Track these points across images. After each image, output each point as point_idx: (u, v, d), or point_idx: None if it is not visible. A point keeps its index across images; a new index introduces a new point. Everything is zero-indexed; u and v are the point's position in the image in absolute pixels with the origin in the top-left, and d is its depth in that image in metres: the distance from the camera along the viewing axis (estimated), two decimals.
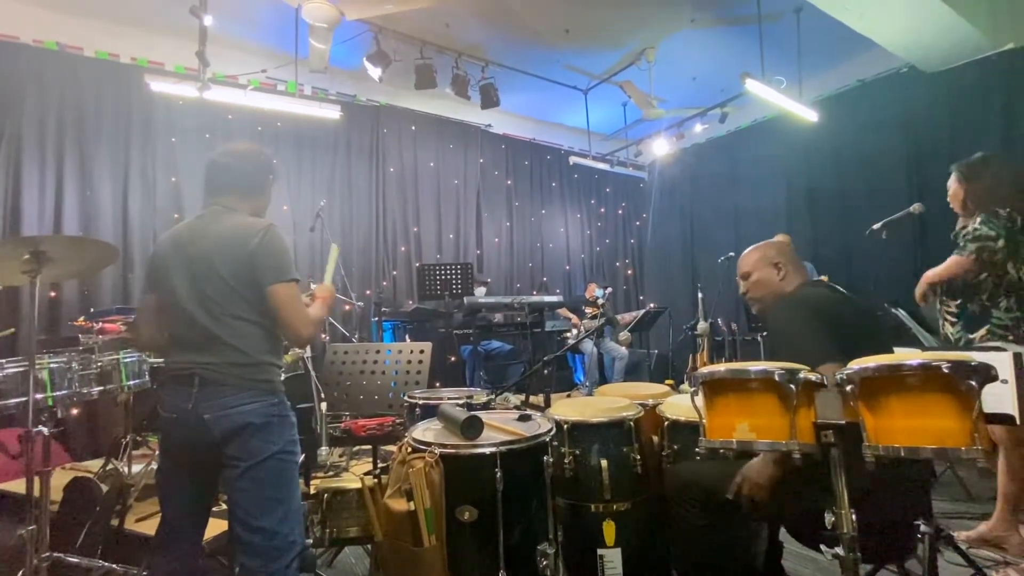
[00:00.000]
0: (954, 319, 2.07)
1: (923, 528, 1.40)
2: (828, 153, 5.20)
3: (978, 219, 1.97)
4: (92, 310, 3.42)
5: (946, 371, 0.93)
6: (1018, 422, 1.33)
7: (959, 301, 2.04)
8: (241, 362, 1.37)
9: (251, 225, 1.42)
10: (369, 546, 1.96)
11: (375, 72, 4.33)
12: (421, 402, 2.02)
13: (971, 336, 2.00)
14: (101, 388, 2.01)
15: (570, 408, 1.89)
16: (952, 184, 2.17)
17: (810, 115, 4.74)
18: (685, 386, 2.44)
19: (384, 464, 1.78)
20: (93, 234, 3.97)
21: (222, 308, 1.38)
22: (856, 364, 1.03)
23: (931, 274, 2.07)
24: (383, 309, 4.77)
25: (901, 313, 2.47)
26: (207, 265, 1.38)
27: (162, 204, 4.35)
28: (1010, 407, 1.33)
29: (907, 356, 1.02)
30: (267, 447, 1.35)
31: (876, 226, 2.60)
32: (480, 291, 5.15)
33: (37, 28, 4.00)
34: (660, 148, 6.07)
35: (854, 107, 5.05)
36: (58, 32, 4.08)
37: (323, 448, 1.85)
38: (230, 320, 1.38)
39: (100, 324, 2.60)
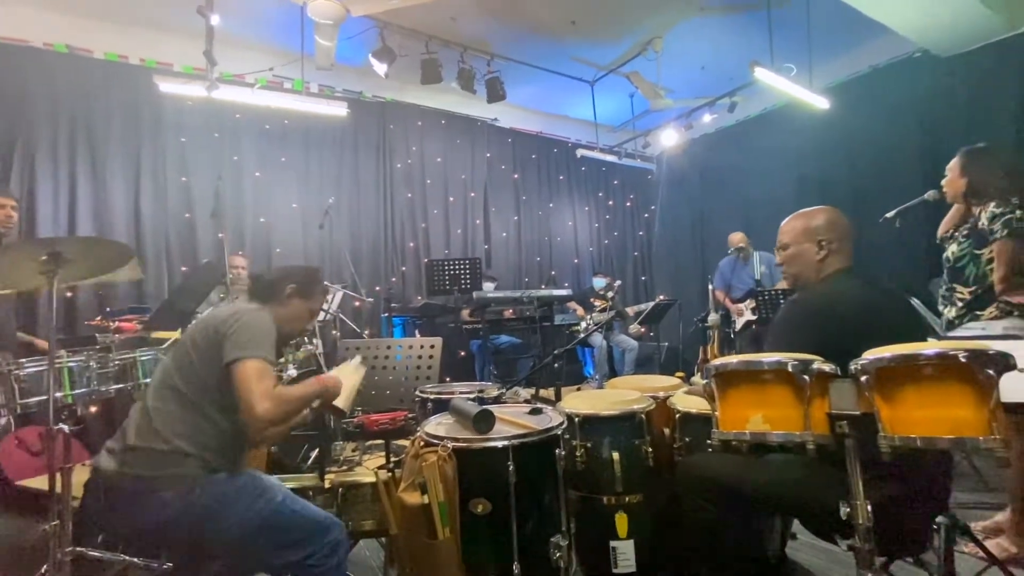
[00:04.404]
0: (962, 303, 2.04)
1: (939, 519, 1.40)
2: (840, 141, 5.12)
3: (991, 205, 1.94)
4: (108, 309, 3.47)
5: (963, 360, 0.92)
6: None
7: (973, 288, 2.01)
8: (160, 450, 1.27)
9: (241, 307, 1.42)
10: (384, 539, 1.99)
11: (381, 68, 4.33)
12: (433, 397, 2.03)
13: (979, 313, 1.98)
14: (118, 386, 2.04)
15: (581, 401, 1.89)
16: (952, 171, 2.14)
17: (821, 103, 4.67)
18: (696, 378, 2.43)
19: (397, 458, 1.80)
20: (107, 235, 4.03)
21: (173, 386, 1.33)
22: (871, 354, 1.02)
23: (1001, 276, 1.92)
24: (392, 305, 4.80)
25: (915, 302, 2.44)
26: (184, 346, 1.37)
27: (173, 204, 4.40)
28: None
29: (923, 346, 1.01)
30: (227, 531, 1.27)
31: (890, 214, 2.56)
32: (489, 286, 5.15)
33: (47, 31, 4.05)
34: (668, 139, 6.02)
35: (866, 94, 4.97)
36: (67, 35, 4.12)
37: (337, 443, 1.87)
38: (169, 397, 1.32)
39: (116, 323, 2.64)
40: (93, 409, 3.63)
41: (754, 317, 4.40)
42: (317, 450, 2.18)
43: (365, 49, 4.40)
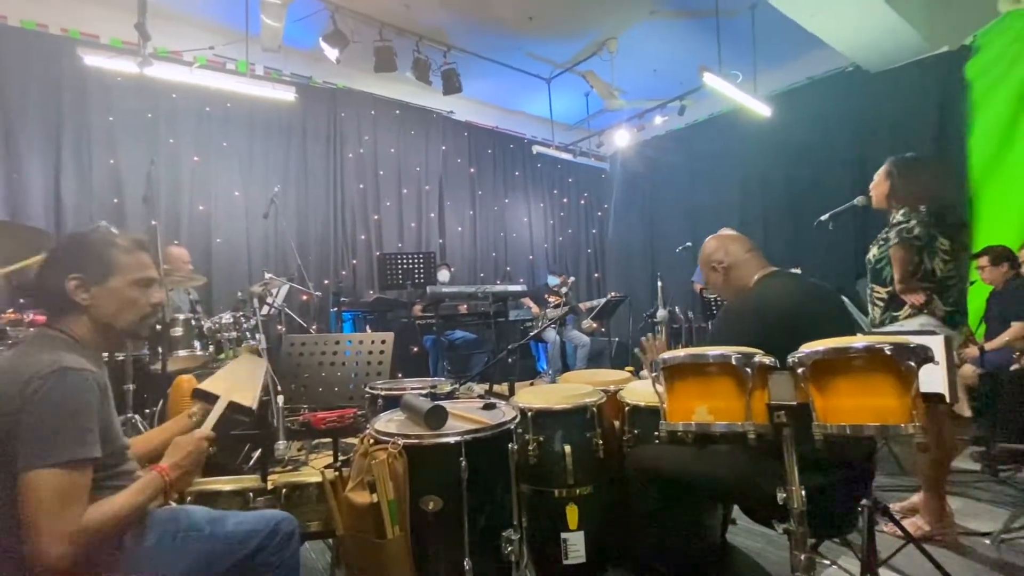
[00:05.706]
0: (882, 303, 2.20)
1: (863, 501, 1.50)
2: (779, 147, 5.40)
3: (899, 213, 2.11)
4: (21, 301, 3.17)
5: (888, 353, 0.99)
6: (948, 400, 1.43)
7: (889, 288, 2.16)
8: None
9: (29, 369, 0.95)
10: (331, 540, 1.93)
11: (332, 53, 4.17)
12: (383, 393, 1.98)
13: (896, 314, 2.13)
14: None
15: (534, 396, 1.90)
16: (879, 176, 2.29)
17: (764, 110, 4.91)
18: (645, 371, 2.50)
19: (345, 457, 1.75)
20: (22, 220, 3.69)
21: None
22: (807, 347, 1.07)
23: (897, 279, 2.07)
24: (342, 299, 4.65)
25: (845, 300, 2.61)
26: None
27: (99, 187, 4.08)
28: (941, 387, 1.43)
29: (853, 339, 1.07)
30: None
31: (823, 217, 2.71)
32: (444, 275, 5.10)
33: None
34: (621, 139, 6.15)
35: (804, 103, 5.26)
36: None
37: (281, 442, 1.79)
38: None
39: (31, 316, 2.42)
40: None
41: None
42: (259, 450, 2.08)
43: (315, 32, 4.22)
